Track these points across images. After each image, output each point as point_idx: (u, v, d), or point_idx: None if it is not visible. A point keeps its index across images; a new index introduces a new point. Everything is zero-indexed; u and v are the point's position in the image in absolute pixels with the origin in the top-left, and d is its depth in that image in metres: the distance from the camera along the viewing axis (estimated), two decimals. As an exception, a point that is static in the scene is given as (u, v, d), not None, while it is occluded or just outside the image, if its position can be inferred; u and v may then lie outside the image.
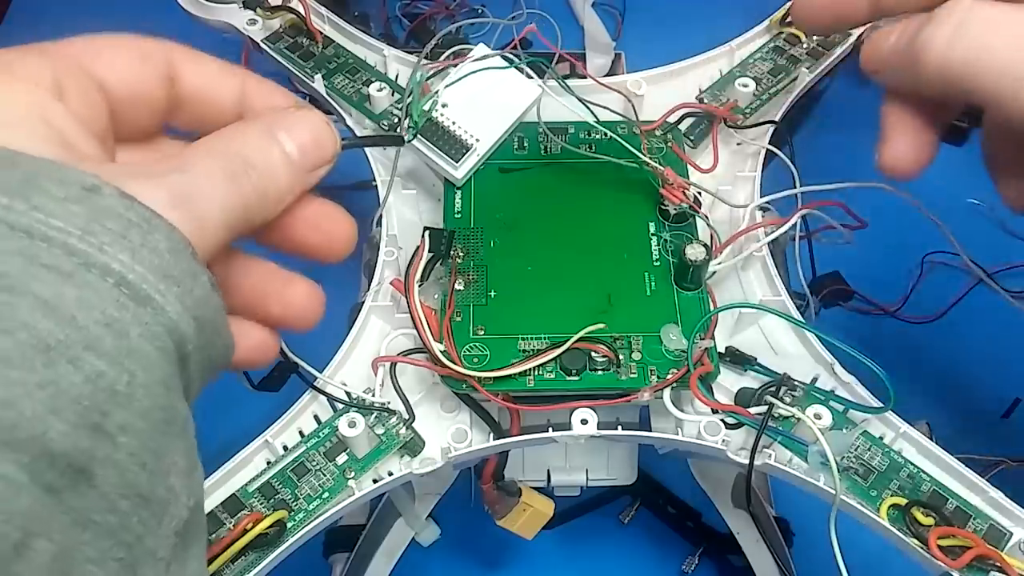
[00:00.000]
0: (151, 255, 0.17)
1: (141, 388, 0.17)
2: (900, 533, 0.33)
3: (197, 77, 0.24)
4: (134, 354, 0.17)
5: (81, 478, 0.16)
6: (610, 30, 0.80)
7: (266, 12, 0.48)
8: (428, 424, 0.38)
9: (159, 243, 0.18)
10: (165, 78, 0.23)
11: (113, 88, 0.22)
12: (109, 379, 0.16)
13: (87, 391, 0.16)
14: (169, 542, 0.18)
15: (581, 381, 0.36)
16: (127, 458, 0.17)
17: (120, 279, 0.17)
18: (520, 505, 0.42)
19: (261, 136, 0.22)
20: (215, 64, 0.24)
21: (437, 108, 0.39)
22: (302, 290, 0.25)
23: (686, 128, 0.45)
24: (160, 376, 0.17)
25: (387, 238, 0.41)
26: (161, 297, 0.17)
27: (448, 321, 0.36)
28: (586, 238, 0.40)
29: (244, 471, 0.36)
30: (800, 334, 0.39)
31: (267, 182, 0.22)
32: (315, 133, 0.23)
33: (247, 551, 0.33)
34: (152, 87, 0.23)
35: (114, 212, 0.17)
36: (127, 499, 0.17)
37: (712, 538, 0.57)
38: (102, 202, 0.17)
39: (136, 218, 0.17)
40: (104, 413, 0.16)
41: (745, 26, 0.49)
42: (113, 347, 0.16)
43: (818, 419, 0.35)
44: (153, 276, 0.17)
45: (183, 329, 0.18)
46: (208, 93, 0.24)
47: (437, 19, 0.80)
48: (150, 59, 0.23)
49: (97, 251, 0.16)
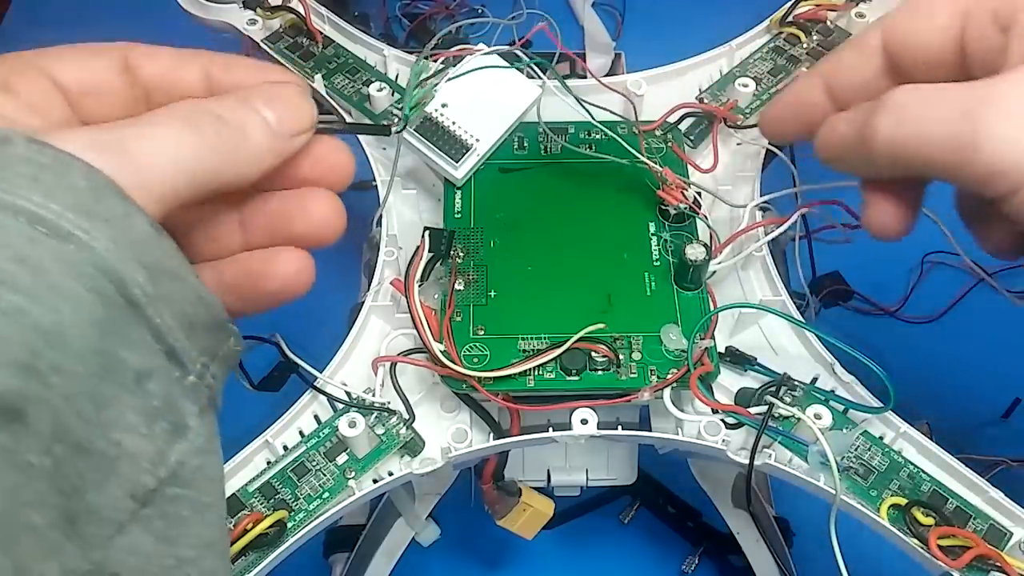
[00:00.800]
0: (66, 193, 0.17)
1: (73, 328, 0.17)
2: (900, 533, 0.33)
3: (154, 66, 0.24)
4: (57, 291, 0.17)
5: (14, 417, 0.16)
6: (610, 30, 0.80)
7: (266, 12, 0.48)
8: (428, 424, 0.38)
9: (76, 182, 0.18)
10: (120, 70, 0.24)
11: (67, 82, 0.23)
12: (33, 316, 0.16)
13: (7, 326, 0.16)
14: (122, 505, 0.18)
15: (581, 381, 0.36)
16: (61, 401, 0.16)
17: (32, 216, 0.17)
18: (520, 505, 0.42)
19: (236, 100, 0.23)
20: (169, 52, 0.25)
21: (436, 108, 0.39)
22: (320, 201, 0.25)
23: (686, 128, 0.45)
24: (93, 317, 0.17)
25: (387, 238, 0.41)
26: (85, 234, 0.17)
27: (448, 321, 0.36)
28: (586, 238, 0.40)
29: (244, 471, 0.36)
30: (800, 334, 0.39)
31: (239, 138, 0.22)
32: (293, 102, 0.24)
33: (247, 551, 0.33)
34: (106, 78, 0.24)
35: (24, 157, 0.17)
36: (61, 443, 0.17)
37: (712, 538, 0.57)
38: (12, 150, 0.17)
39: (48, 160, 0.18)
40: (35, 352, 0.16)
41: (745, 26, 0.49)
42: (31, 283, 0.16)
43: (818, 419, 0.35)
44: (73, 214, 0.17)
45: (121, 270, 0.18)
46: (170, 79, 0.24)
47: (437, 19, 0.80)
48: (100, 54, 0.24)
49: (7, 194, 0.17)
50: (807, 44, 0.48)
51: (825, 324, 0.38)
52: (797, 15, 0.48)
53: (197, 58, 0.25)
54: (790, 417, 0.36)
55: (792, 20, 0.48)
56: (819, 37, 0.48)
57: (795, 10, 0.48)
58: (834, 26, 0.49)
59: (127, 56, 0.24)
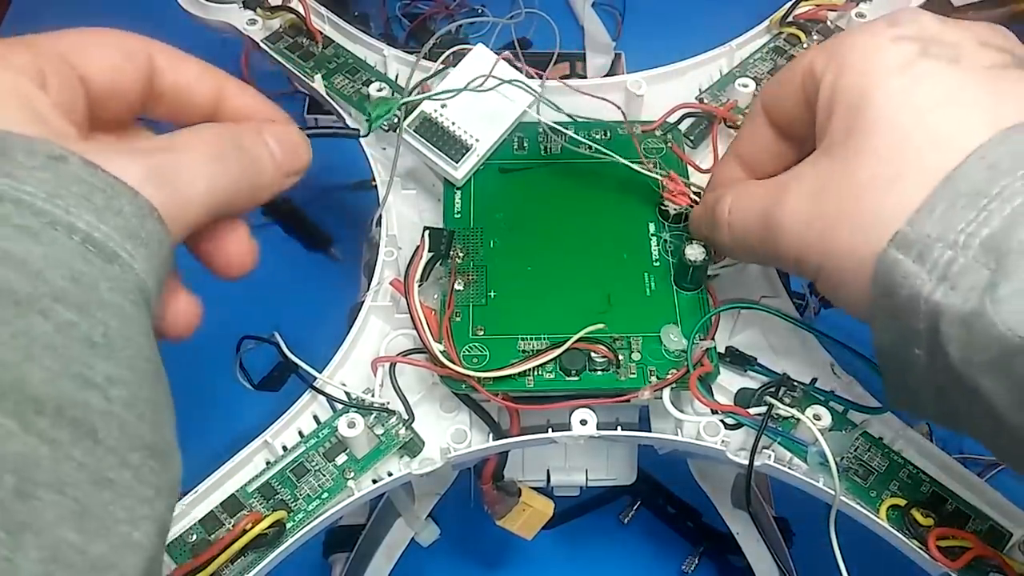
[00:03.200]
0: (115, 217, 0.19)
1: (120, 339, 0.18)
2: (900, 534, 0.33)
3: (178, 75, 0.25)
4: (106, 306, 0.18)
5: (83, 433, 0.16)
6: (610, 30, 0.80)
7: (266, 12, 0.48)
8: (428, 424, 0.38)
9: (123, 206, 0.19)
10: (145, 75, 0.25)
11: (93, 81, 0.24)
12: (83, 329, 0.17)
13: (60, 340, 0.17)
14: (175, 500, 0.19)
15: (581, 381, 0.36)
16: (124, 409, 0.17)
17: (86, 237, 0.18)
18: (520, 505, 0.42)
19: (252, 130, 0.24)
20: (196, 65, 0.26)
21: (436, 108, 0.39)
22: None
23: (686, 128, 0.45)
24: (139, 328, 0.18)
25: (387, 238, 0.41)
26: (128, 255, 0.18)
27: (448, 321, 0.36)
28: (586, 238, 0.40)
29: (244, 471, 0.36)
30: (800, 334, 0.39)
31: (256, 171, 0.24)
32: (294, 143, 0.25)
33: (247, 551, 0.33)
34: (131, 83, 0.25)
35: (78, 177, 0.18)
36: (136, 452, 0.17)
37: (712, 538, 0.57)
38: (67, 169, 0.18)
39: (100, 183, 0.19)
40: (88, 365, 0.17)
41: (745, 26, 0.49)
42: (82, 299, 0.17)
43: (818, 420, 0.35)
44: (119, 236, 0.18)
45: (150, 287, 0.19)
46: (186, 91, 0.26)
47: (437, 19, 0.80)
48: (133, 58, 0.24)
49: (63, 212, 0.18)
50: (807, 44, 0.48)
51: (825, 324, 0.38)
52: (797, 15, 0.48)
53: (215, 76, 0.26)
54: (789, 418, 0.36)
55: (792, 20, 0.48)
56: (819, 37, 0.48)
57: (795, 10, 0.48)
58: (834, 26, 0.49)
59: (154, 59, 0.25)
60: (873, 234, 0.26)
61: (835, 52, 0.28)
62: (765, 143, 0.34)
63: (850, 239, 0.27)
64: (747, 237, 0.31)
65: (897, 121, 0.26)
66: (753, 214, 0.31)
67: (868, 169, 0.26)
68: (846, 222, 0.27)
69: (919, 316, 0.24)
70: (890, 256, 0.25)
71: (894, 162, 0.26)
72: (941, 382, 0.25)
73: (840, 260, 0.27)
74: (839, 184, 0.27)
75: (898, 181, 0.25)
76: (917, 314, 0.24)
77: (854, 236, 0.26)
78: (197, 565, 0.32)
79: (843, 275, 0.27)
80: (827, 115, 0.28)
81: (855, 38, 0.28)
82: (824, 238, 0.27)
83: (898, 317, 0.25)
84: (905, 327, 0.25)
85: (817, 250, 0.28)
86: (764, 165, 0.34)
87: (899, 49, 0.27)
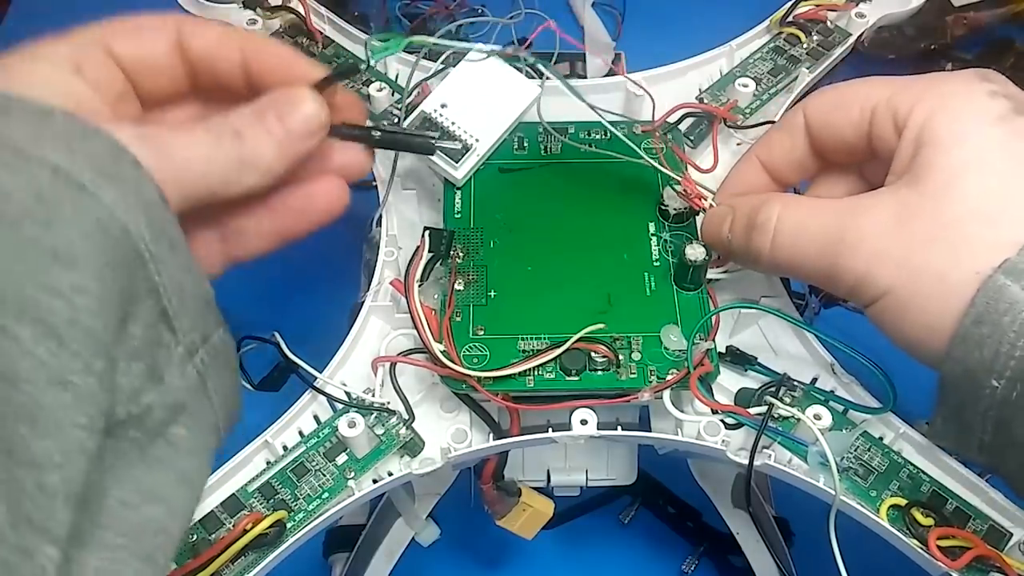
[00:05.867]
0: (88, 157, 0.20)
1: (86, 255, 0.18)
2: (900, 534, 0.33)
3: (202, 42, 0.27)
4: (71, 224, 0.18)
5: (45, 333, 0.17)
6: (610, 30, 0.80)
7: (266, 12, 0.48)
8: (428, 424, 0.38)
9: (97, 148, 0.20)
10: (174, 47, 0.26)
11: (126, 59, 0.25)
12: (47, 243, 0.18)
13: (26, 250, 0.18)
14: None
15: (581, 381, 0.36)
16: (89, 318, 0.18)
17: (55, 168, 0.19)
18: (520, 505, 0.42)
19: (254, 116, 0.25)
20: (216, 29, 0.27)
21: (436, 108, 0.39)
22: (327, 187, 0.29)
23: (686, 128, 0.45)
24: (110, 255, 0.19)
25: (387, 238, 0.41)
26: (94, 187, 0.19)
27: (448, 321, 0.36)
28: (586, 238, 0.40)
29: (244, 471, 0.36)
30: (800, 334, 0.39)
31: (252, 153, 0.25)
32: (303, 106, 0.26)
33: (247, 551, 0.33)
34: (162, 54, 0.26)
35: (61, 125, 0.20)
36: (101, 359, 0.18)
37: (712, 538, 0.57)
38: (52, 119, 0.20)
39: (79, 131, 0.20)
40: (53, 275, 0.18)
41: (745, 26, 0.49)
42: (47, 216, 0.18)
43: (818, 419, 0.35)
44: (90, 172, 0.19)
45: (127, 221, 0.19)
46: (214, 56, 0.27)
47: (437, 19, 0.80)
48: (159, 31, 0.26)
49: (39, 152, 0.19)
50: (807, 44, 0.48)
51: (825, 324, 0.38)
52: (797, 15, 0.48)
53: (237, 37, 0.27)
54: (790, 417, 0.36)
55: (792, 20, 0.48)
56: (819, 37, 0.48)
57: (795, 10, 0.48)
58: (834, 26, 0.49)
59: (180, 30, 0.26)
60: (971, 261, 0.27)
61: (926, 94, 0.29)
62: (798, 156, 0.34)
63: (941, 263, 0.27)
64: (799, 247, 0.31)
65: (999, 166, 0.28)
66: (816, 225, 0.31)
67: (966, 204, 0.27)
68: (938, 247, 0.27)
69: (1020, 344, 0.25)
70: (998, 281, 0.26)
71: (996, 200, 0.27)
72: (1009, 415, 0.26)
73: (922, 283, 0.28)
74: (931, 213, 0.28)
75: (1003, 216, 0.27)
76: (1018, 341, 0.25)
77: (946, 261, 0.27)
78: (197, 565, 0.32)
79: (920, 299, 0.28)
80: (912, 150, 0.29)
81: (953, 85, 0.30)
82: (909, 259, 0.28)
83: (986, 346, 0.26)
84: (992, 355, 0.26)
85: (893, 271, 0.28)
86: (788, 176, 0.35)
87: (996, 103, 0.28)
